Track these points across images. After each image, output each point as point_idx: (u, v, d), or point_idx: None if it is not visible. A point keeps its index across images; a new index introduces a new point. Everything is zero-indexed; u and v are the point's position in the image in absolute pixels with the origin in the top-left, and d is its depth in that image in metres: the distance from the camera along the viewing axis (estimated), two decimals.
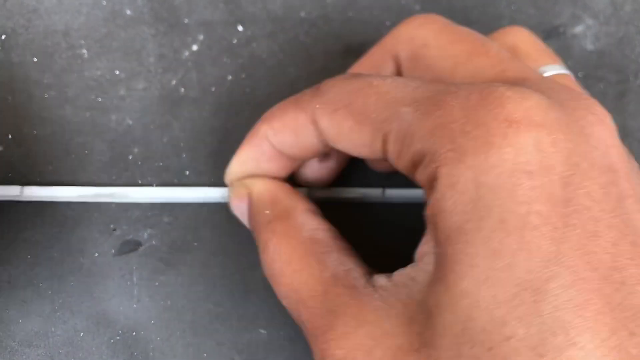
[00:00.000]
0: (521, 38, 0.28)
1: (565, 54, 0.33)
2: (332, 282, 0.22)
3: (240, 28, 0.33)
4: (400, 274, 0.21)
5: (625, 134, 0.32)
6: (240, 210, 0.27)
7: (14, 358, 0.28)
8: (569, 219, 0.18)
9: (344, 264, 0.23)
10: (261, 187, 0.27)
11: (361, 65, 0.28)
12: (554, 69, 0.27)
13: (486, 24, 0.33)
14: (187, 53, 0.32)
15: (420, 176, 0.21)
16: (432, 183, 0.20)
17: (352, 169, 0.31)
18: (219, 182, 0.31)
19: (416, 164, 0.21)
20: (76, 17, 0.32)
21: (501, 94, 0.20)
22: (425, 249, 0.21)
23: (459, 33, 0.25)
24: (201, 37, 0.32)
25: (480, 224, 0.18)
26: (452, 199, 0.19)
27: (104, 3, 0.32)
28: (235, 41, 0.32)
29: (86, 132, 0.31)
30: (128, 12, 0.32)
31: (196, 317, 0.29)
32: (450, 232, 0.19)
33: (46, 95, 0.31)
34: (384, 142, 0.22)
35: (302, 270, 0.23)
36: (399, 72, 0.27)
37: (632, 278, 0.18)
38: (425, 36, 0.25)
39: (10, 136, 0.30)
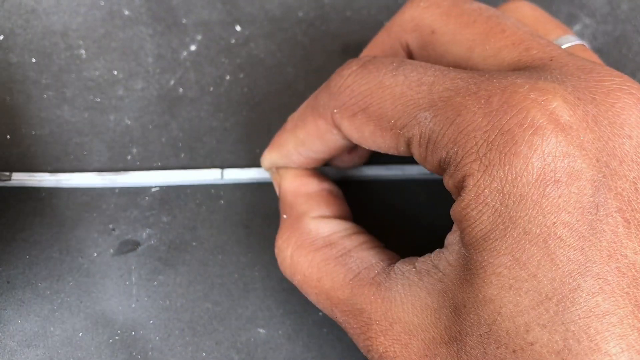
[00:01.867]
0: (525, 12, 0.26)
1: None
2: (357, 284, 0.23)
3: (238, 28, 0.33)
4: (425, 261, 0.22)
5: None
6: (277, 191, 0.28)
7: (13, 358, 0.28)
8: (598, 224, 0.18)
9: (364, 261, 0.23)
10: (287, 184, 0.27)
11: (371, 54, 0.27)
12: (567, 41, 0.25)
13: None
14: (185, 53, 0.32)
15: (447, 182, 0.21)
16: (459, 191, 0.20)
17: None
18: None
19: (443, 169, 0.21)
20: (74, 17, 0.32)
21: (524, 97, 0.19)
22: (452, 238, 0.21)
23: (468, 13, 0.23)
24: (199, 37, 0.32)
25: (504, 234, 0.18)
26: (477, 209, 0.19)
27: (102, 3, 0.32)
28: (233, 41, 0.33)
29: (85, 132, 0.31)
30: (126, 12, 0.32)
31: (195, 317, 0.29)
32: (475, 239, 0.19)
33: (44, 96, 0.31)
34: (408, 146, 0.22)
35: (325, 277, 0.24)
36: (411, 59, 0.26)
37: None
38: (432, 21, 0.24)
39: (8, 136, 0.30)
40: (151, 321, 0.28)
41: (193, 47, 0.32)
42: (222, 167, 0.31)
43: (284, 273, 0.26)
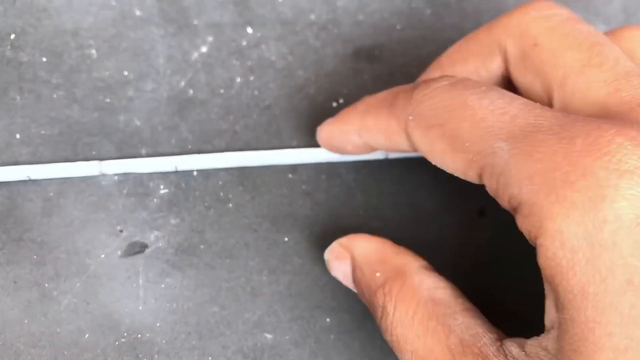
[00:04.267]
0: (638, 42, 0.24)
1: None
2: (460, 350, 0.21)
3: (249, 30, 0.33)
4: (533, 345, 0.20)
5: None
6: (342, 272, 0.26)
7: (19, 359, 0.28)
8: None
9: (470, 328, 0.21)
10: (364, 248, 0.25)
11: (465, 48, 0.26)
12: None
13: None
14: (196, 54, 0.32)
15: (521, 224, 0.19)
16: (535, 237, 0.18)
17: None
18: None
19: (514, 208, 0.19)
20: (85, 17, 0.32)
21: (610, 141, 0.18)
22: (552, 316, 0.19)
23: (574, 35, 0.22)
24: (210, 39, 0.32)
25: (604, 287, 0.17)
26: (565, 259, 0.17)
27: (114, 3, 0.32)
28: (244, 43, 0.32)
29: (94, 132, 0.30)
30: (137, 12, 0.32)
31: (201, 320, 0.29)
32: (572, 296, 0.17)
33: (54, 95, 0.31)
34: (480, 175, 0.20)
35: (425, 335, 0.22)
36: (505, 68, 0.25)
37: None
38: (537, 33, 0.23)
39: (18, 135, 0.30)
40: (158, 324, 0.28)
41: (204, 49, 0.32)
42: (231, 169, 0.30)
43: (384, 330, 0.23)
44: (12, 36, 0.32)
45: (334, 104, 0.32)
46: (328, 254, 0.27)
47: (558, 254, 0.18)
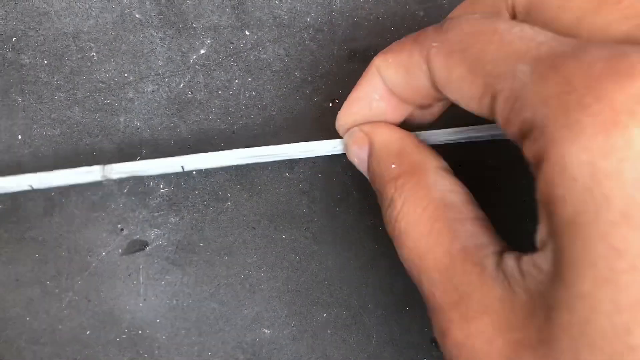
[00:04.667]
0: None
1: None
2: (461, 257, 0.20)
3: (247, 32, 0.33)
4: (528, 262, 0.19)
5: None
6: (358, 157, 0.26)
7: (21, 355, 0.28)
8: None
9: (475, 237, 0.21)
10: (385, 136, 0.25)
11: (471, 9, 0.25)
12: None
13: None
14: (194, 57, 0.32)
15: (527, 151, 0.18)
16: (539, 163, 0.17)
17: None
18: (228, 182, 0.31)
19: (524, 134, 0.18)
20: (86, 20, 0.33)
21: (632, 64, 0.16)
22: (543, 236, 0.19)
23: None
24: (209, 41, 0.33)
25: (597, 217, 0.16)
26: (563, 186, 0.16)
27: (114, 6, 0.33)
28: (242, 45, 0.33)
29: (95, 133, 0.31)
30: (137, 15, 0.33)
31: (201, 316, 0.29)
32: (564, 225, 0.17)
33: (55, 97, 0.31)
34: (493, 100, 0.19)
35: (429, 235, 0.21)
36: None
37: None
38: None
39: (19, 137, 0.31)
40: (158, 320, 0.29)
41: (203, 51, 0.33)
42: (230, 168, 0.31)
43: (388, 222, 0.23)
44: (14, 39, 0.32)
45: (330, 105, 0.32)
46: (348, 137, 0.26)
47: (556, 181, 0.17)
